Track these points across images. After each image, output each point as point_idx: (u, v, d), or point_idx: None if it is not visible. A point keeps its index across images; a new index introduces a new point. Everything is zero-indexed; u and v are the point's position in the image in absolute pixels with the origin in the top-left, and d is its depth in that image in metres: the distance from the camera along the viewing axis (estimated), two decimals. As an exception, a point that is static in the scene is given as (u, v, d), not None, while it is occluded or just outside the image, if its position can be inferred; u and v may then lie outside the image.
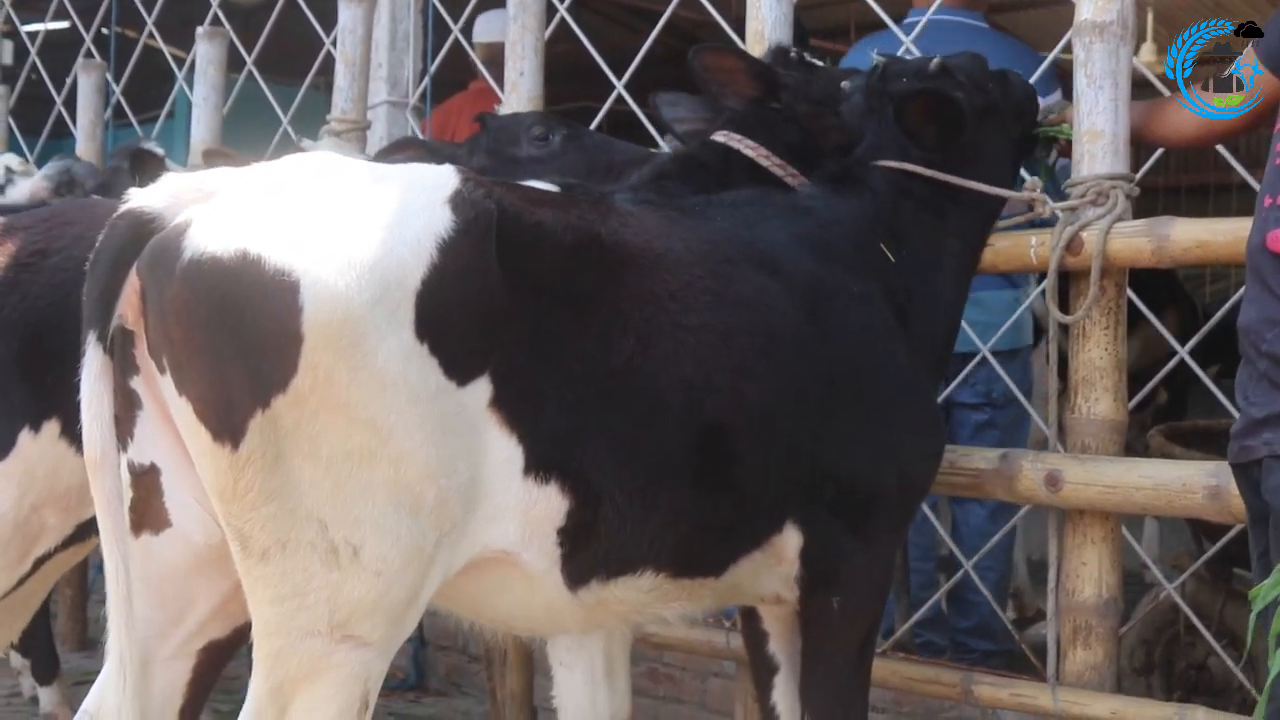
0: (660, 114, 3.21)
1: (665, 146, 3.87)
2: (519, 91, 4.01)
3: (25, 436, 2.57)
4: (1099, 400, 3.03)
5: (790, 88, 2.95)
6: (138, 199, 2.06)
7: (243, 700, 3.88)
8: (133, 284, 2.02)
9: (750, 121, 2.93)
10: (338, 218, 2.01)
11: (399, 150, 3.51)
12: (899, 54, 3.35)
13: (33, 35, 6.31)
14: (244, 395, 1.93)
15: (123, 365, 2.09)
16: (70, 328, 2.55)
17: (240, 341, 1.93)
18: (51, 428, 2.58)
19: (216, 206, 2.01)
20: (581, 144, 3.38)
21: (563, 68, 4.06)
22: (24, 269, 2.61)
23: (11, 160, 4.90)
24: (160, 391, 2.06)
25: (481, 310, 2.08)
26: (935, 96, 2.75)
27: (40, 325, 2.58)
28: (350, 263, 1.95)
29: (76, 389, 2.57)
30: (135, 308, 2.03)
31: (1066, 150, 3.08)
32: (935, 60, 2.85)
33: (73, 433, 2.56)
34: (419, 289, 2.00)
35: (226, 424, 1.94)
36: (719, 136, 2.92)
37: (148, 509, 2.18)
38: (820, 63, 3.22)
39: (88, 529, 2.71)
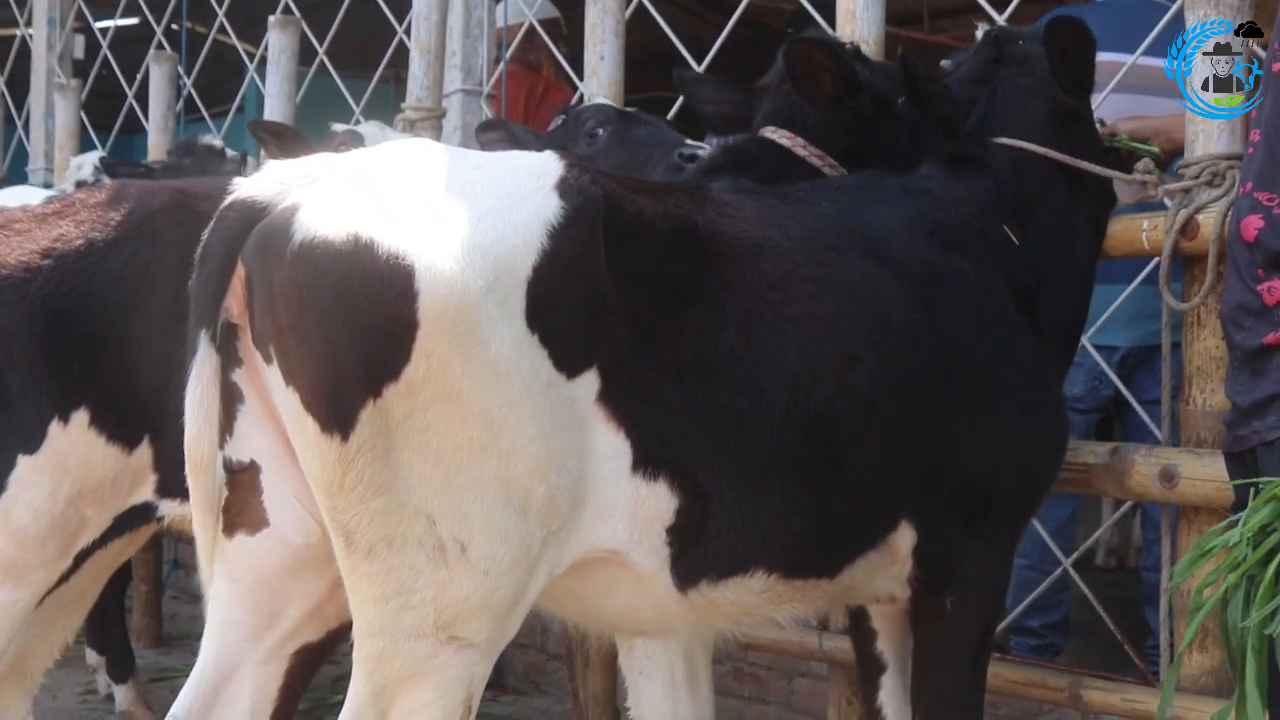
0: (684, 93, 3.09)
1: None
2: (599, 75, 3.92)
3: (55, 428, 2.51)
4: (1215, 392, 2.88)
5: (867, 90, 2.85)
6: (245, 187, 1.99)
7: (319, 700, 3.87)
8: (238, 272, 1.95)
9: (799, 118, 2.82)
10: (447, 203, 1.93)
11: (490, 130, 3.47)
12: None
13: (104, 31, 6.34)
14: (355, 384, 1.85)
15: (225, 359, 2.01)
16: (96, 314, 2.52)
17: (352, 328, 1.84)
18: (81, 417, 2.52)
19: (324, 190, 1.93)
20: (626, 140, 3.28)
21: (628, 56, 3.98)
22: (47, 255, 2.56)
23: (97, 159, 4.92)
24: (265, 384, 1.99)
25: (590, 300, 2.00)
26: (1083, 29, 2.66)
27: (66, 312, 2.53)
28: (464, 248, 1.87)
29: (104, 377, 2.49)
30: (240, 297, 1.96)
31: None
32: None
33: (103, 422, 2.53)
34: (530, 276, 1.93)
35: (336, 414, 1.87)
36: (768, 132, 2.83)
37: (245, 508, 2.11)
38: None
39: (126, 522, 2.67)
